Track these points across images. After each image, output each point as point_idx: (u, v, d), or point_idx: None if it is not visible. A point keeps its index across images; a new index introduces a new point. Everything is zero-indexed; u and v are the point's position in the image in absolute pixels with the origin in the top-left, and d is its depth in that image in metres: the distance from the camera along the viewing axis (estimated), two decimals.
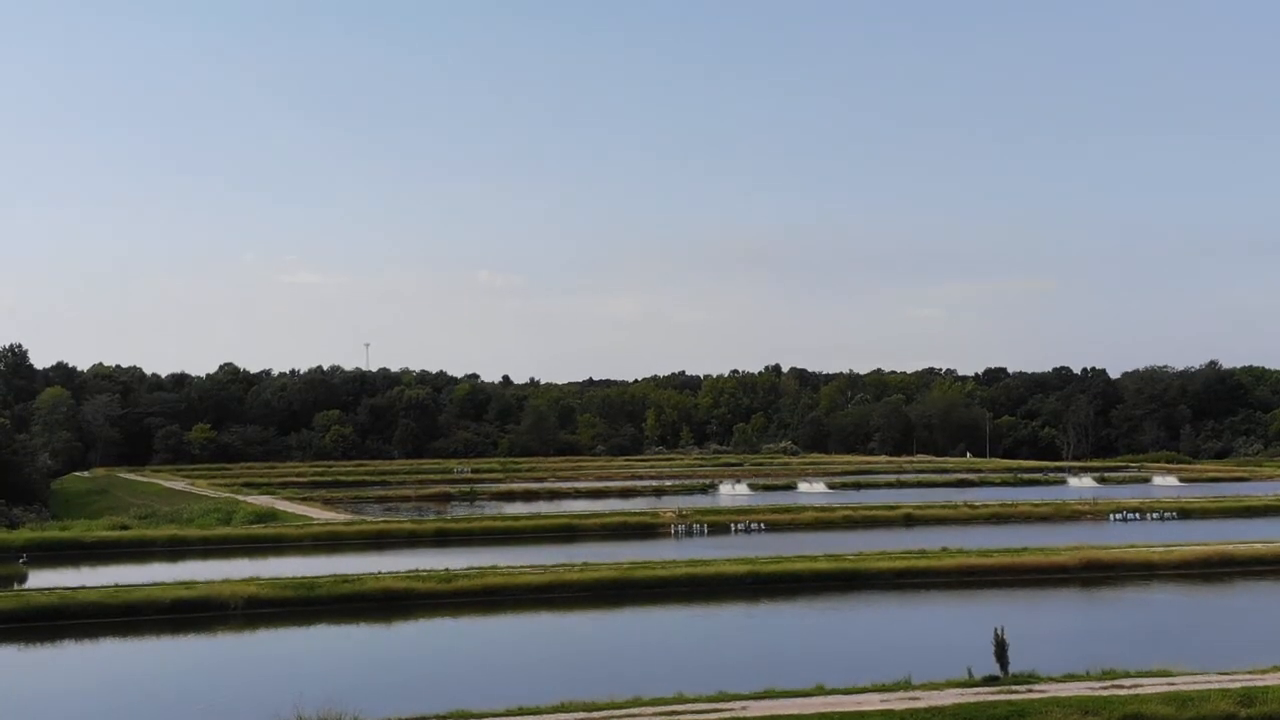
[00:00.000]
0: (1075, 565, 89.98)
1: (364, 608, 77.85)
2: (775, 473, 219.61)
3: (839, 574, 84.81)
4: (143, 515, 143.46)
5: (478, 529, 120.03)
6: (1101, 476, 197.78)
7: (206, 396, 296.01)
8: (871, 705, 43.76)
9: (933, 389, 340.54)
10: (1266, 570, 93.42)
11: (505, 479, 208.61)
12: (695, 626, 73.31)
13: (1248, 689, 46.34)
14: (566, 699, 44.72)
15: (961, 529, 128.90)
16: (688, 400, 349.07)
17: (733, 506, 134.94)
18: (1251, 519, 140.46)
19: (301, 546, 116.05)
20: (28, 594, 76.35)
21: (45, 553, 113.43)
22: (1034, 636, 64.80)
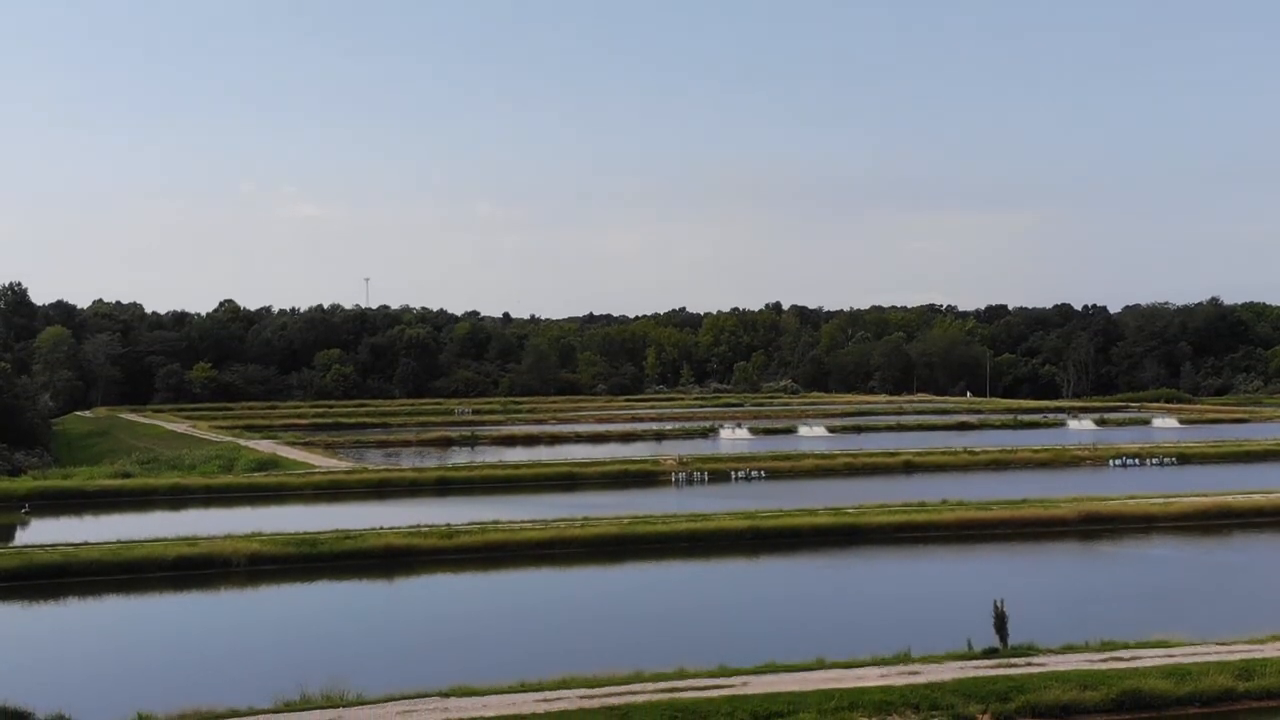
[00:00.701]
0: (1074, 518, 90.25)
1: (366, 564, 78.11)
2: (776, 414, 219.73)
3: (839, 529, 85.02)
4: (145, 460, 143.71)
5: (479, 478, 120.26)
6: (1101, 419, 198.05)
7: (207, 335, 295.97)
8: (871, 680, 43.96)
9: (933, 327, 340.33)
10: (1265, 522, 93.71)
11: (506, 421, 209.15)
12: (696, 588, 73.36)
13: (1246, 661, 46.55)
14: (568, 674, 44.86)
15: (961, 476, 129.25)
16: (688, 338, 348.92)
17: (733, 453, 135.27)
18: (1251, 464, 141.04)
19: (303, 495, 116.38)
20: (30, 552, 76.51)
21: (48, 501, 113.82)
22: (1033, 597, 65.13)
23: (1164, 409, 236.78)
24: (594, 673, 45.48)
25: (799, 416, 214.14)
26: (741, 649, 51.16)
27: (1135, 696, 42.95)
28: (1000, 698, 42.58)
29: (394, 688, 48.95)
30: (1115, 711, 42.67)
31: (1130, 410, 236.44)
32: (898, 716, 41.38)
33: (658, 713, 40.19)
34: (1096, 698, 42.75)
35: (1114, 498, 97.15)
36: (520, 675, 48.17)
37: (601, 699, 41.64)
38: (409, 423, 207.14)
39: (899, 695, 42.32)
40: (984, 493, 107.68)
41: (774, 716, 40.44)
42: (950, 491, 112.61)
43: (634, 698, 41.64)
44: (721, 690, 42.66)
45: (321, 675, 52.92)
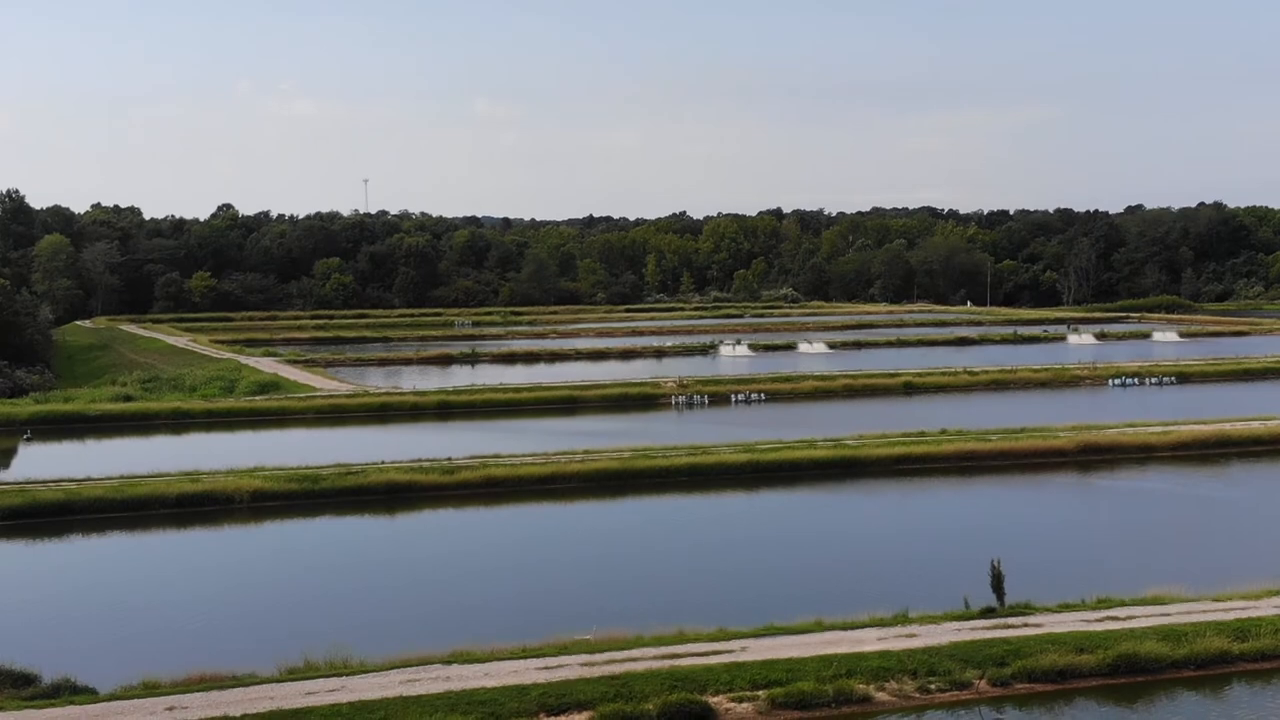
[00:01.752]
0: (1073, 449, 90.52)
1: (368, 500, 78.44)
2: (776, 327, 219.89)
3: (838, 462, 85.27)
4: (145, 379, 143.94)
5: (480, 402, 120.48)
6: (1101, 333, 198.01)
7: (206, 243, 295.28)
8: (869, 644, 44.33)
9: (934, 234, 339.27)
10: (1263, 451, 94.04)
11: (506, 336, 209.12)
12: (696, 528, 73.62)
13: (1241, 621, 46.89)
14: (568, 639, 45.24)
15: (961, 397, 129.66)
16: (688, 245, 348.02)
17: (733, 375, 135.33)
18: (1250, 382, 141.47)
19: (305, 419, 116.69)
20: (33, 489, 76.84)
21: (50, 426, 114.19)
22: (1030, 541, 65.58)
23: (1164, 320, 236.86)
24: (595, 631, 45.99)
25: (799, 330, 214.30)
26: (740, 600, 51.68)
27: (1131, 660, 43.31)
28: (997, 662, 42.99)
29: (396, 639, 49.59)
30: (1110, 675, 43.05)
31: (1130, 321, 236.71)
32: (895, 683, 41.81)
33: (657, 681, 40.57)
34: (1092, 662, 43.12)
35: (1112, 425, 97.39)
36: (522, 626, 49.02)
37: (602, 666, 42.02)
38: (409, 337, 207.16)
39: (896, 661, 42.70)
40: (983, 416, 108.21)
41: (773, 685, 40.82)
42: (950, 415, 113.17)
43: (634, 665, 42.02)
44: (720, 656, 43.03)
45: (325, 623, 53.75)
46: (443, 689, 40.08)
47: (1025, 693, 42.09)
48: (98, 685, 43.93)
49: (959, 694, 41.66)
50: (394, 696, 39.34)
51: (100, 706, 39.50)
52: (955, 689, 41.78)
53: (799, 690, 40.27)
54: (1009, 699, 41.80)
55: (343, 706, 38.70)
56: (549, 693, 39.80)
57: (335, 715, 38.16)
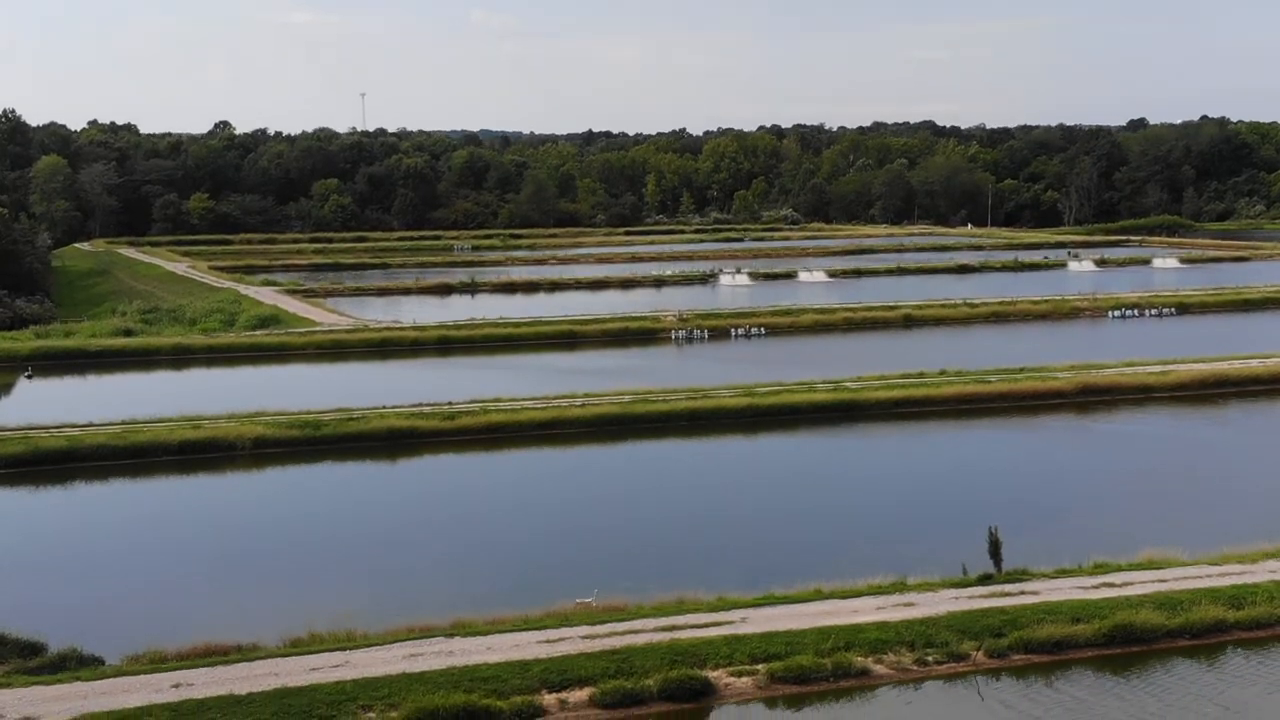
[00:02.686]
0: (1071, 390, 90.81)
1: (369, 446, 78.72)
2: (776, 253, 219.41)
3: (837, 405, 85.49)
4: (145, 310, 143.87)
5: (479, 336, 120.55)
6: (1102, 259, 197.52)
7: (203, 164, 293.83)
8: (867, 614, 44.71)
9: (936, 154, 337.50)
10: (1261, 390, 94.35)
11: (506, 262, 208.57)
12: (697, 478, 73.84)
13: (1237, 588, 47.27)
14: (570, 607, 45.62)
15: (961, 330, 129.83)
16: (688, 164, 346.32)
17: (733, 308, 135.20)
18: (1249, 313, 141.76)
19: (305, 355, 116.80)
20: (36, 437, 77.11)
21: (51, 362, 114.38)
22: (1028, 487, 65.86)
23: (1165, 244, 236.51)
24: (597, 594, 46.46)
25: (799, 256, 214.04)
26: (739, 554, 52.04)
27: (1126, 630, 43.73)
28: (994, 633, 43.41)
29: (398, 592, 50.11)
30: (1106, 646, 43.50)
31: (1131, 245, 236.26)
32: (893, 655, 42.24)
33: (658, 656, 40.99)
34: (1088, 632, 43.54)
35: (1110, 365, 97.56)
36: (523, 580, 49.60)
37: (603, 639, 42.42)
38: (408, 263, 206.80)
39: (894, 633, 43.11)
40: (982, 353, 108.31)
41: (772, 658, 41.25)
42: (949, 351, 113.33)
43: (634, 639, 42.40)
44: (720, 628, 43.42)
45: (327, 574, 54.19)
46: (446, 665, 40.47)
47: (1022, 664, 42.57)
48: (104, 653, 44.43)
49: (956, 666, 42.13)
50: (398, 674, 39.75)
51: (107, 683, 39.89)
52: (952, 661, 42.24)
53: (798, 665, 40.70)
54: (1006, 670, 42.25)
55: (347, 684, 39.11)
56: (550, 668, 40.23)
57: (340, 694, 38.56)
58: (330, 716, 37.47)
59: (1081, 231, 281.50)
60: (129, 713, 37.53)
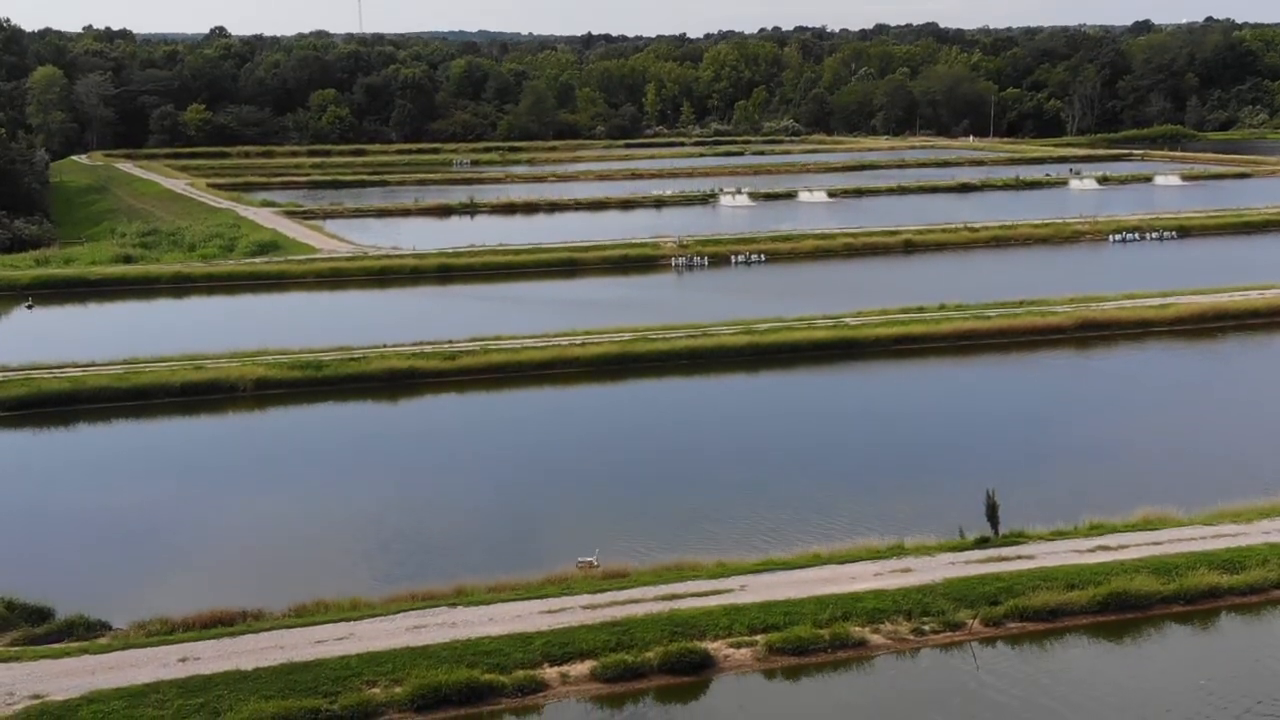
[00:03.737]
0: (1071, 325, 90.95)
1: (370, 387, 78.97)
2: (776, 169, 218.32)
3: (837, 343, 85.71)
4: (144, 232, 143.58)
5: (479, 264, 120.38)
6: (1103, 177, 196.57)
7: (200, 74, 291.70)
8: (865, 582, 45.14)
9: (938, 62, 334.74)
10: (1259, 323, 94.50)
11: (505, 179, 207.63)
12: (695, 426, 73.94)
13: (1231, 552, 47.66)
14: (571, 574, 46.04)
15: (961, 256, 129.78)
16: (688, 73, 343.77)
17: (733, 233, 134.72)
18: (1250, 235, 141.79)
19: (305, 283, 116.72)
20: (39, 379, 77.32)
21: (51, 291, 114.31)
22: (1024, 434, 65.96)
23: (1167, 159, 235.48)
24: (597, 555, 47.00)
25: (799, 173, 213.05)
26: (737, 515, 52.38)
27: (1121, 597, 44.22)
28: (990, 601, 43.90)
29: (399, 551, 50.56)
30: (1101, 613, 44.00)
31: (1133, 160, 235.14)
32: (890, 624, 42.77)
33: (658, 628, 41.49)
34: (1083, 599, 44.02)
35: (1110, 298, 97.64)
36: (523, 532, 50.16)
37: (604, 610, 42.90)
38: (406, 180, 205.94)
39: (891, 601, 43.59)
40: (983, 282, 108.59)
41: (770, 629, 41.77)
42: (949, 279, 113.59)
43: (635, 609, 42.87)
44: (719, 597, 43.87)
45: (329, 523, 54.56)
46: (449, 637, 40.96)
47: (1017, 632, 43.09)
48: (110, 615, 44.95)
49: (952, 635, 42.65)
50: (401, 647, 40.24)
51: (114, 656, 40.41)
52: (949, 630, 42.76)
53: (796, 636, 41.19)
54: (1002, 638, 42.75)
55: (352, 659, 39.63)
56: (552, 641, 40.73)
57: (345, 669, 39.08)
58: (335, 692, 37.98)
59: (1084, 141, 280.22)
60: (137, 689, 38.04)
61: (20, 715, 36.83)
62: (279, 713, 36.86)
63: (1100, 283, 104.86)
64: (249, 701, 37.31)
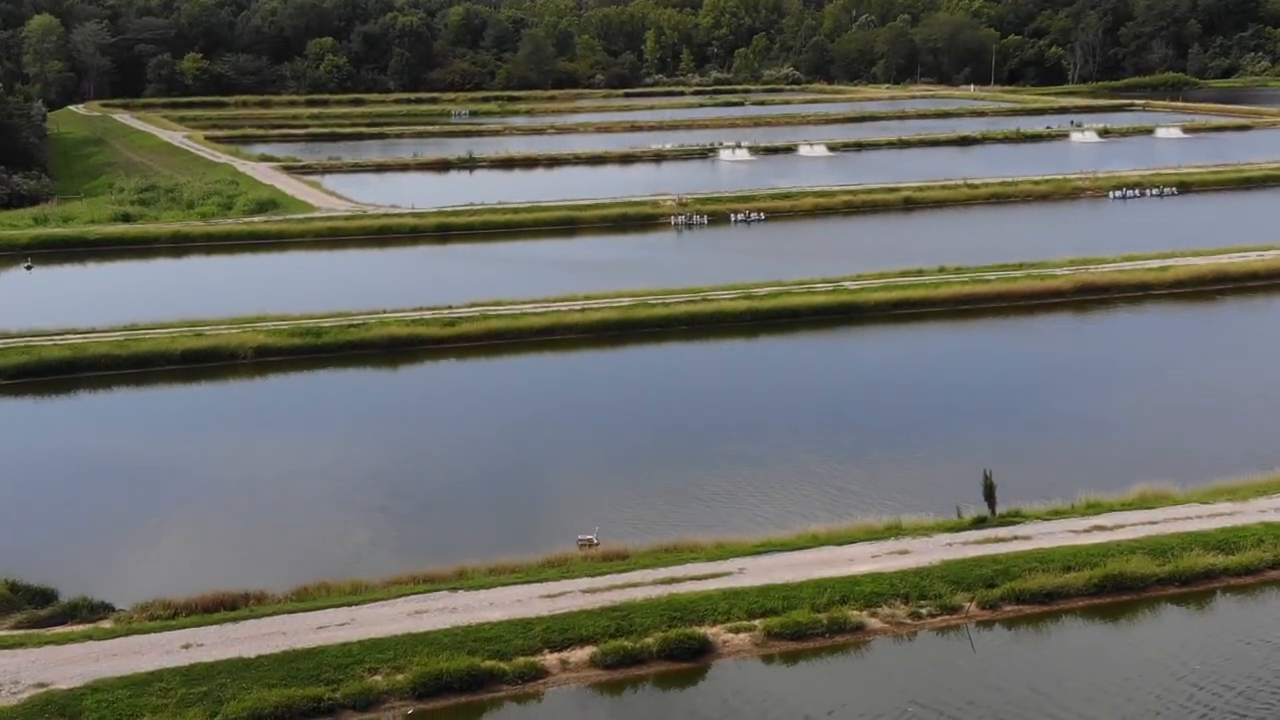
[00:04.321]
0: (1070, 289, 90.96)
1: (370, 354, 79.14)
2: (776, 121, 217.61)
3: (836, 307, 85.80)
4: (142, 188, 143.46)
5: (478, 224, 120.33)
6: (1104, 129, 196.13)
7: (196, 22, 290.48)
8: (863, 564, 45.42)
9: (939, 8, 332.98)
10: (1259, 286, 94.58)
11: (503, 131, 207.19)
12: (695, 391, 74.07)
13: (1226, 532, 47.87)
14: (571, 555, 46.34)
15: (961, 213, 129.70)
16: (688, 20, 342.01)
17: (732, 191, 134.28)
18: (1251, 191, 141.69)
19: (304, 242, 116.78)
20: (39, 347, 77.49)
21: (50, 250, 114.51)
22: (1021, 403, 66.22)
23: (1169, 109, 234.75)
24: (597, 533, 47.33)
25: (800, 125, 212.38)
26: (735, 495, 52.69)
27: (1117, 580, 44.47)
28: (986, 583, 44.15)
29: (399, 521, 50.85)
30: (1097, 595, 44.25)
31: (1134, 110, 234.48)
32: (888, 608, 43.07)
33: (657, 613, 41.79)
34: (1079, 581, 44.27)
35: (1110, 259, 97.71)
36: (524, 501, 50.52)
37: (604, 594, 43.19)
38: (405, 133, 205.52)
39: (889, 584, 43.87)
40: (982, 242, 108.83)
41: (769, 613, 42.05)
42: (949, 236, 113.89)
43: (634, 593, 43.17)
44: (718, 581, 44.16)
45: (331, 489, 54.85)
46: (450, 623, 41.25)
47: (1013, 615, 43.34)
48: (112, 595, 45.26)
49: (949, 618, 42.92)
50: (403, 634, 40.54)
51: (118, 643, 40.72)
52: (945, 613, 43.02)
53: (794, 621, 41.47)
54: (998, 621, 43.06)
55: (353, 646, 39.94)
56: (552, 627, 41.04)
57: (347, 656, 39.40)
58: (338, 680, 38.30)
59: (1085, 90, 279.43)
60: (141, 677, 38.35)
61: (25, 704, 37.16)
62: (282, 702, 37.16)
63: (1100, 243, 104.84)
64: (252, 690, 37.62)
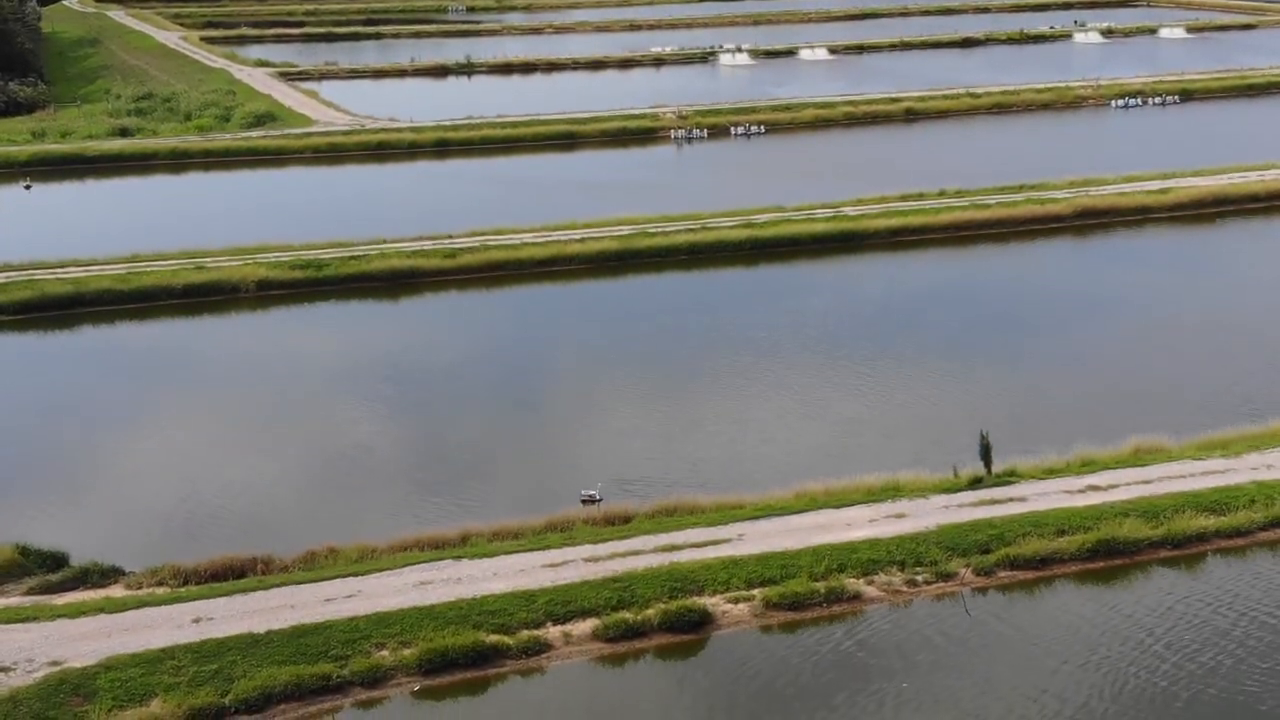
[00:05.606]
0: (1070, 214, 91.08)
1: (371, 286, 79.42)
2: (776, 18, 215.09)
3: (836, 235, 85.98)
4: (139, 96, 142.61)
5: (477, 139, 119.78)
6: (1108, 29, 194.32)
7: None
8: (860, 529, 46.10)
9: None
10: (1259, 208, 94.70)
11: (501, 31, 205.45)
12: (694, 326, 74.23)
13: (1219, 491, 48.56)
14: (573, 524, 46.99)
15: (962, 124, 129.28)
16: None
17: (733, 103, 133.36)
18: (1254, 98, 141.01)
19: (302, 158, 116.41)
20: (42, 282, 77.72)
21: (49, 167, 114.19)
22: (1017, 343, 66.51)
23: (1172, 4, 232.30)
24: (600, 488, 48.10)
25: (800, 23, 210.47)
26: (735, 451, 53.34)
27: (1110, 544, 45.24)
28: (981, 549, 44.92)
29: (401, 466, 51.57)
30: (1090, 560, 45.02)
31: (1139, 5, 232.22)
32: (884, 575, 43.86)
33: (658, 583, 42.58)
34: (1072, 546, 45.02)
35: (1110, 181, 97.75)
36: (527, 450, 51.28)
37: (605, 563, 43.94)
38: (402, 33, 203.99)
39: (885, 551, 44.61)
40: (983, 156, 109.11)
41: (768, 583, 42.86)
42: (950, 152, 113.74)
43: (635, 562, 43.93)
44: (717, 548, 44.90)
45: (333, 435, 55.50)
46: (454, 596, 42.00)
47: (1008, 581, 44.14)
48: (124, 562, 46.06)
49: (944, 585, 43.71)
50: (409, 607, 41.31)
51: (130, 616, 41.48)
52: (941, 580, 43.83)
53: (792, 592, 42.25)
54: (993, 587, 43.86)
55: (360, 621, 40.73)
56: (555, 599, 41.82)
57: (354, 631, 40.20)
58: (346, 656, 39.15)
59: None
60: (153, 655, 39.16)
61: (40, 684, 37.99)
62: (291, 680, 38.02)
63: (1100, 162, 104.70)
64: (262, 668, 38.47)
